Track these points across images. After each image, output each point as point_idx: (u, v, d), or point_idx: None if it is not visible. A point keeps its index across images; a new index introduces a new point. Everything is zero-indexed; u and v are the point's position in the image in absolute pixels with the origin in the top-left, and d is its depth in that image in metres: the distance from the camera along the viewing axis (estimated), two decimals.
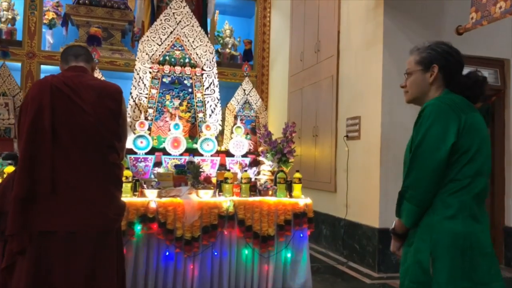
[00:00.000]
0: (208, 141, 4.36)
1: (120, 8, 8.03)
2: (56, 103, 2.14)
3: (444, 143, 1.57)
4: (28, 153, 2.09)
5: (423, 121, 1.63)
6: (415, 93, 1.78)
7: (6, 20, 7.57)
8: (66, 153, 2.12)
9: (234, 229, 3.57)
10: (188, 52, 4.58)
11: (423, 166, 1.59)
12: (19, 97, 4.25)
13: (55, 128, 2.11)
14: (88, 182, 2.14)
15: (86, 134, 2.16)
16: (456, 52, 1.76)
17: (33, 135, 2.10)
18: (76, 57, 2.36)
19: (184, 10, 4.56)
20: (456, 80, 1.74)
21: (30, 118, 2.11)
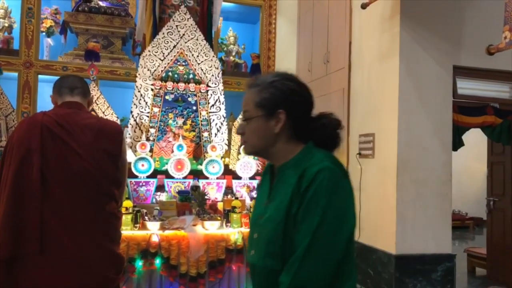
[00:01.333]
0: (214, 163, 4.09)
1: (121, 15, 7.76)
2: (46, 147, 1.87)
3: (347, 225, 1.19)
4: (13, 209, 1.81)
5: (315, 194, 1.17)
6: (258, 145, 1.34)
7: (2, 28, 7.30)
8: (58, 206, 1.85)
9: (243, 264, 3.31)
10: (193, 68, 4.31)
11: (325, 256, 1.14)
12: (12, 117, 3.98)
13: (45, 177, 1.84)
14: (82, 239, 1.86)
15: (81, 183, 1.88)
16: (305, 88, 1.37)
17: (19, 186, 1.82)
18: (72, 90, 2.08)
19: (188, 22, 4.29)
20: (310, 127, 1.33)
21: (15, 165, 1.83)
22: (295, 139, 1.32)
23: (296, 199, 1.20)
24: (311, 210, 1.17)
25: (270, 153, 1.34)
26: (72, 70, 7.30)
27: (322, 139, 1.32)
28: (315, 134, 1.31)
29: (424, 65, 4.47)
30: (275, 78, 1.33)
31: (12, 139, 1.92)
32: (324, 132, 1.32)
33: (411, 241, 4.26)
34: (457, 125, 4.60)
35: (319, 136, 1.32)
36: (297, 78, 1.35)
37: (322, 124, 1.33)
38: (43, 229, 1.81)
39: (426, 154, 4.38)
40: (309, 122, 1.34)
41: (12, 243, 1.79)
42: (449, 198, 4.43)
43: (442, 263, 4.26)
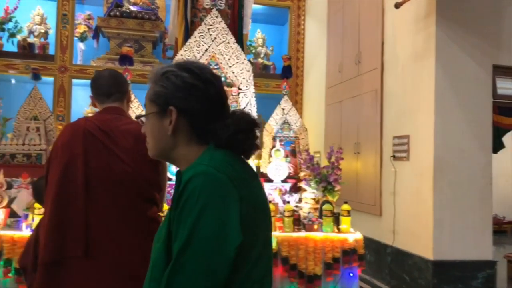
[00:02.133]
0: None
1: (151, 19, 7.88)
2: (89, 152, 1.88)
3: (227, 243, 0.95)
4: (58, 213, 1.83)
5: (186, 205, 0.97)
6: (156, 147, 1.15)
7: (39, 34, 7.53)
8: (102, 210, 1.85)
9: (277, 267, 3.27)
10: (224, 71, 4.30)
11: (194, 283, 0.94)
12: (50, 121, 4.08)
13: (88, 181, 1.85)
14: (125, 245, 1.87)
15: (123, 187, 1.89)
16: (206, 81, 1.10)
17: (63, 190, 1.84)
18: (108, 96, 2.02)
19: (219, 25, 4.29)
20: (214, 127, 1.09)
21: (60, 171, 1.85)
22: (196, 141, 1.11)
23: (173, 212, 1.02)
24: (181, 225, 0.97)
25: (172, 157, 1.14)
26: None
27: (225, 142, 1.08)
28: (217, 135, 1.09)
29: (462, 64, 4.33)
30: (169, 69, 1.12)
31: (57, 144, 1.94)
32: (226, 133, 1.08)
33: (449, 247, 4.13)
34: (497, 127, 4.43)
35: (220, 138, 1.09)
36: (199, 69, 1.12)
37: (224, 124, 1.09)
38: (87, 234, 1.82)
39: (465, 157, 4.24)
40: (210, 122, 1.10)
41: (56, 247, 1.81)
42: (489, 202, 4.27)
43: (483, 269, 4.11)
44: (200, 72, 1.11)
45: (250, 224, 1.01)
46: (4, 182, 3.11)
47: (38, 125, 4.01)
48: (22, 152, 3.83)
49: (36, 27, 7.54)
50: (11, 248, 2.94)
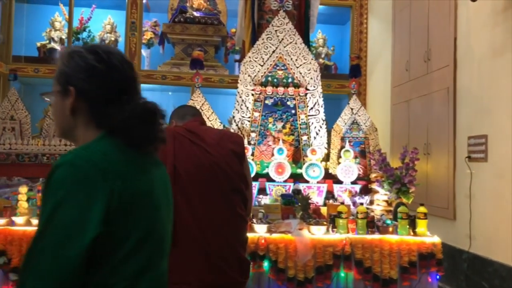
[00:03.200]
0: (314, 167, 4.04)
1: (214, 24, 8.06)
2: (178, 148, 2.00)
3: (79, 236, 0.93)
4: None
5: (48, 195, 0.96)
6: (58, 126, 1.14)
7: (109, 42, 7.95)
8: (190, 201, 1.94)
9: (351, 270, 3.21)
10: (291, 72, 4.31)
11: (44, 274, 0.91)
12: None
13: (178, 173, 1.94)
14: (212, 235, 1.93)
15: (212, 176, 1.97)
16: (112, 65, 1.09)
17: None
18: (193, 115, 2.28)
19: (287, 26, 4.31)
20: (112, 112, 1.06)
21: None
22: (96, 125, 1.09)
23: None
24: (40, 215, 0.96)
25: (74, 138, 1.13)
26: (170, 79, 7.73)
27: (117, 128, 1.06)
28: (110, 120, 1.06)
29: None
30: (76, 49, 1.12)
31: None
32: (119, 118, 1.05)
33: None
34: None
35: (112, 123, 1.06)
36: (106, 53, 1.10)
37: (121, 110, 1.06)
38: (175, 223, 1.90)
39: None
40: (109, 107, 1.07)
41: None
42: None
43: None
44: (107, 57, 1.09)
45: (122, 218, 0.98)
46: None
47: None
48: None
49: (107, 35, 7.98)
50: None
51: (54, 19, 7.90)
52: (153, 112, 1.10)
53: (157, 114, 1.11)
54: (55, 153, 3.99)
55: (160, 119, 1.12)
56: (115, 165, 1.02)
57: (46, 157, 3.96)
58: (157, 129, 1.12)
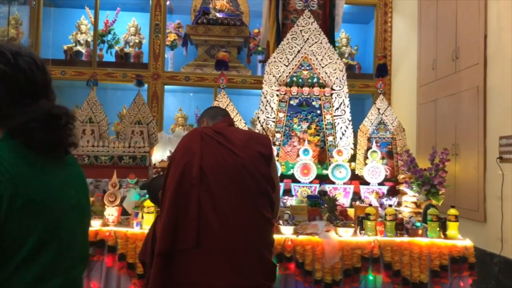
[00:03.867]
0: (341, 168, 3.99)
1: (236, 25, 8.07)
2: (205, 148, 2.01)
3: None
4: (174, 205, 1.94)
5: None
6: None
7: (133, 44, 8.05)
8: (215, 202, 1.93)
9: (380, 273, 3.15)
10: (317, 72, 4.27)
11: None
12: (152, 125, 4.32)
13: (203, 174, 1.94)
14: (238, 238, 1.91)
15: (239, 178, 1.96)
16: (20, 67, 1.07)
17: (181, 186, 1.95)
18: (224, 116, 2.33)
19: (312, 26, 4.27)
20: (13, 114, 1.04)
21: (180, 169, 1.96)
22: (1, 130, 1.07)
23: None
24: None
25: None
26: (193, 80, 7.78)
27: (17, 131, 1.04)
28: (10, 123, 1.05)
29: None
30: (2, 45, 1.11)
31: (178, 147, 2.11)
32: (18, 121, 1.04)
33: None
34: None
35: (12, 126, 1.05)
36: (13, 53, 1.09)
37: (23, 112, 1.05)
38: (200, 224, 1.89)
39: None
40: (11, 109, 1.05)
41: (170, 239, 1.90)
42: None
43: None
44: (13, 57, 1.07)
45: (14, 225, 0.96)
46: (117, 182, 3.33)
47: (141, 129, 4.26)
48: (128, 154, 4.09)
49: (131, 37, 8.07)
50: (124, 244, 3.14)
51: (80, 22, 8.05)
52: (58, 117, 1.08)
53: (63, 118, 1.09)
54: (83, 154, 4.05)
55: (69, 124, 1.11)
56: (8, 169, 0.99)
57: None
58: (64, 134, 1.10)
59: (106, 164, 4.04)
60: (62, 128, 1.10)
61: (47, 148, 1.09)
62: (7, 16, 7.07)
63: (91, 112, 4.29)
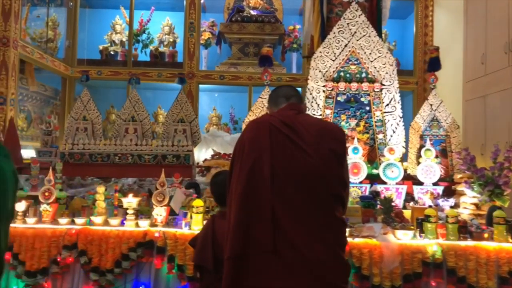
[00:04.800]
0: (393, 167, 3.79)
1: (271, 22, 7.94)
2: (275, 145, 1.84)
3: None
4: (245, 207, 1.80)
5: None
6: None
7: (168, 43, 8.03)
8: (288, 204, 1.79)
9: (443, 279, 2.95)
10: (365, 66, 4.09)
11: None
12: (195, 123, 4.23)
13: (274, 175, 1.79)
14: (313, 241, 1.77)
15: (310, 180, 1.81)
16: None
17: (251, 185, 1.80)
18: (288, 98, 2.09)
19: (359, 19, 4.09)
20: None
21: (249, 165, 1.82)
22: None
23: None
24: None
25: None
26: (228, 79, 7.69)
27: None
28: None
29: None
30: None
31: (242, 141, 1.93)
32: None
33: None
34: None
35: None
36: None
37: None
38: (274, 228, 1.76)
39: None
40: None
41: (242, 242, 1.77)
42: None
43: None
44: None
45: None
46: (165, 181, 3.24)
47: (184, 127, 4.18)
48: (172, 153, 4.01)
49: (166, 37, 8.05)
50: (173, 245, 3.04)
51: (115, 22, 8.08)
52: None
53: None
54: (127, 153, 4.00)
55: None
56: None
57: (118, 157, 3.97)
58: None
59: (150, 163, 3.97)
60: None
61: None
62: (46, 18, 7.15)
63: (134, 111, 4.23)
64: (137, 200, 3.21)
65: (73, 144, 4.03)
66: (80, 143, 4.01)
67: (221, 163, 3.69)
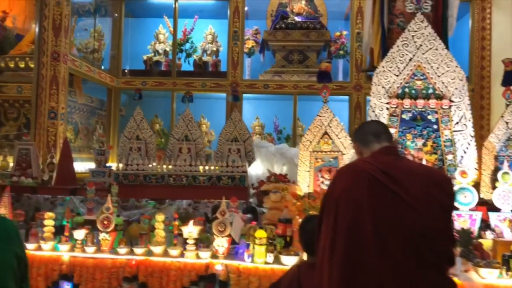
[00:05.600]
0: (465, 191, 3.49)
1: (316, 28, 7.70)
2: (376, 200, 1.61)
3: None
4: (347, 274, 1.59)
5: None
6: None
7: (211, 52, 7.94)
8: (396, 270, 1.57)
9: None
10: (432, 81, 3.81)
11: None
12: (249, 142, 4.08)
13: (379, 235, 1.58)
14: None
15: (418, 240, 1.58)
16: None
17: (352, 247, 1.59)
18: (377, 136, 1.83)
19: (425, 31, 3.82)
20: None
21: (347, 223, 1.61)
22: None
23: None
24: None
25: None
26: (272, 87, 7.51)
27: None
28: None
29: None
30: None
31: (334, 190, 1.71)
32: None
33: None
34: None
35: None
36: None
37: None
38: None
39: None
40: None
41: None
42: None
43: None
44: None
45: None
46: (226, 209, 3.09)
47: (238, 147, 4.03)
48: (227, 174, 3.87)
49: (209, 45, 7.96)
50: (237, 279, 2.89)
51: (158, 31, 8.06)
52: None
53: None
54: (181, 174, 3.88)
55: None
56: None
57: (173, 178, 3.86)
58: None
59: (205, 185, 3.84)
60: None
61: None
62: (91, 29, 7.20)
63: (187, 130, 4.12)
64: (197, 229, 3.08)
65: (126, 164, 3.96)
66: (134, 163, 3.93)
67: (280, 187, 3.51)
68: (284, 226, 3.19)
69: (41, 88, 5.71)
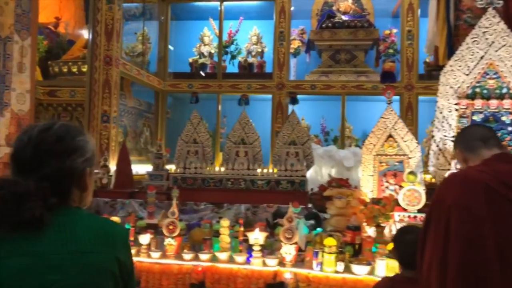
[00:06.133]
0: None
1: (364, 27, 7.49)
2: (497, 215, 1.46)
3: None
4: None
5: None
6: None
7: (256, 53, 7.88)
8: None
9: None
10: (506, 80, 3.58)
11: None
12: (307, 145, 3.97)
13: (502, 255, 1.43)
14: None
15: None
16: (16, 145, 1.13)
17: (470, 268, 1.45)
18: (485, 141, 1.69)
19: (498, 27, 3.59)
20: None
21: (463, 240, 1.47)
22: None
23: None
24: None
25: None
26: (319, 88, 7.36)
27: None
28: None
29: None
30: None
31: (443, 200, 1.56)
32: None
33: None
34: None
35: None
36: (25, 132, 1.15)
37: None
38: None
39: None
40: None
41: None
42: None
43: None
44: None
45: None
46: (293, 216, 3.00)
47: (296, 150, 3.93)
48: (286, 179, 3.77)
49: (253, 47, 7.90)
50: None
51: (203, 34, 8.07)
52: (16, 194, 1.02)
53: (23, 197, 1.02)
54: (239, 178, 3.82)
55: (31, 202, 1.02)
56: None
57: (231, 182, 3.81)
58: (21, 210, 1.01)
59: (263, 189, 3.76)
60: (20, 206, 1.02)
61: (7, 227, 1.01)
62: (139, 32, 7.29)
63: (244, 133, 4.05)
64: (264, 236, 3.00)
65: (184, 168, 3.93)
66: (192, 167, 3.90)
67: (344, 192, 3.38)
68: (353, 234, 3.06)
69: (94, 92, 5.81)
